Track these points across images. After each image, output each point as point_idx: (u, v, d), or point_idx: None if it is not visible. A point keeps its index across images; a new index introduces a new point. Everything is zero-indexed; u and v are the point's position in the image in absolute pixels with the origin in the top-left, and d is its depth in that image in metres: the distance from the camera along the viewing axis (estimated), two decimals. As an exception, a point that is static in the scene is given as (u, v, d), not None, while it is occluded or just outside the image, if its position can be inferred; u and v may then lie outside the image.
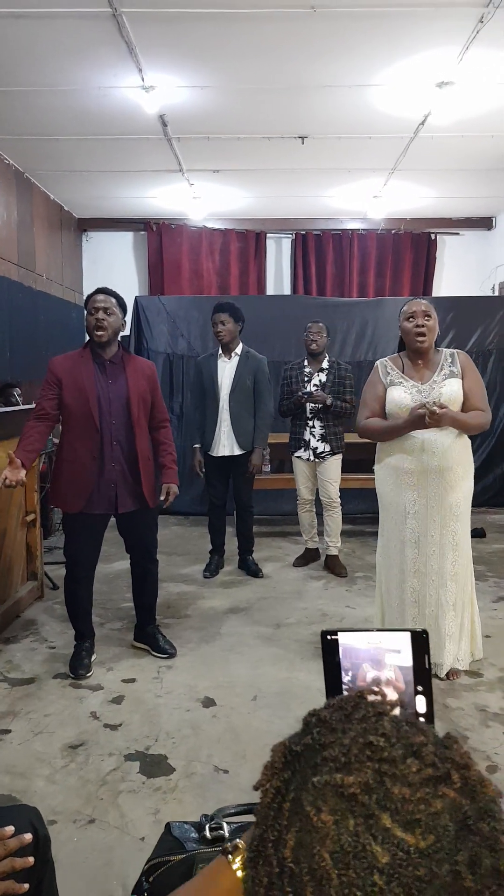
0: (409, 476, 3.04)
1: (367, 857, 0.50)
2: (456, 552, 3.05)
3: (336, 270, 8.11)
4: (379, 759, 0.53)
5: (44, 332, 6.61)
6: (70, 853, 2.01)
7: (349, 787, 0.52)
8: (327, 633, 0.83)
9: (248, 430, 4.59)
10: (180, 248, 7.99)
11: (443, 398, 2.96)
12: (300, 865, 0.51)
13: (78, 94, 4.66)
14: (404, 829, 0.50)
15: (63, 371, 3.13)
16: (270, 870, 0.53)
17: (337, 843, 0.50)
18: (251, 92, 4.66)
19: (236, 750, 2.56)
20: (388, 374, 3.14)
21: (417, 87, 4.52)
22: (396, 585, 3.13)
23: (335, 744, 0.56)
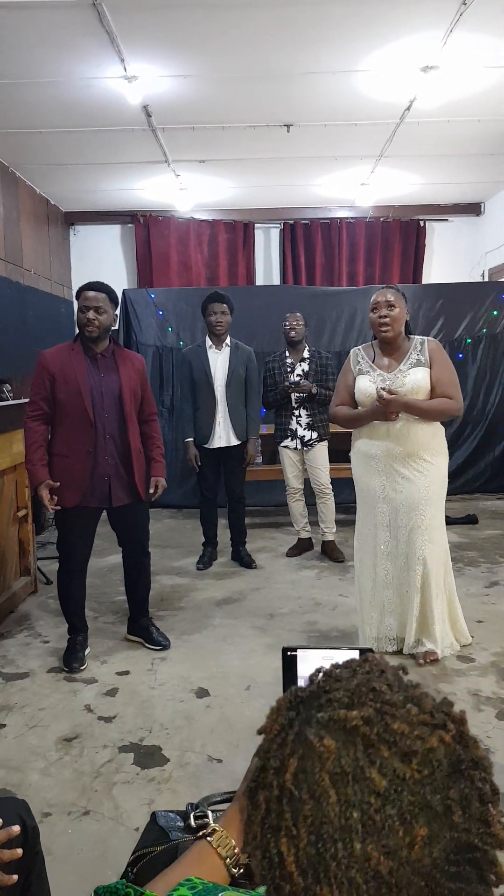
0: (377, 461, 3.13)
1: (365, 780, 0.53)
2: (425, 536, 3.10)
3: (325, 260, 8.08)
4: (381, 701, 0.57)
5: (33, 327, 6.58)
6: (65, 845, 2.02)
7: (352, 721, 0.56)
8: (287, 649, 0.91)
9: (242, 421, 4.61)
10: (168, 240, 7.95)
11: (405, 387, 3.03)
12: (300, 788, 0.54)
13: (60, 86, 4.62)
14: (401, 760, 0.53)
15: (55, 365, 3.12)
16: (270, 794, 0.56)
17: (337, 765, 0.54)
18: (235, 80, 4.62)
19: (230, 739, 2.57)
20: (359, 362, 3.22)
21: (402, 72, 4.49)
22: (370, 568, 3.23)
23: (340, 688, 0.60)
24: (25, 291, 6.51)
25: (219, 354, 4.58)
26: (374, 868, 0.51)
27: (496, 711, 2.72)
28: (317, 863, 0.52)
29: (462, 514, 5.82)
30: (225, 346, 4.59)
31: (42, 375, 3.12)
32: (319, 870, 0.52)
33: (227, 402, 4.55)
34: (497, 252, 7.58)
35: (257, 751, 0.61)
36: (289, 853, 0.54)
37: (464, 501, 6.43)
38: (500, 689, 2.91)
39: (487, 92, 4.84)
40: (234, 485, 4.73)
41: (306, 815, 0.53)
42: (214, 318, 4.51)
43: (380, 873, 0.51)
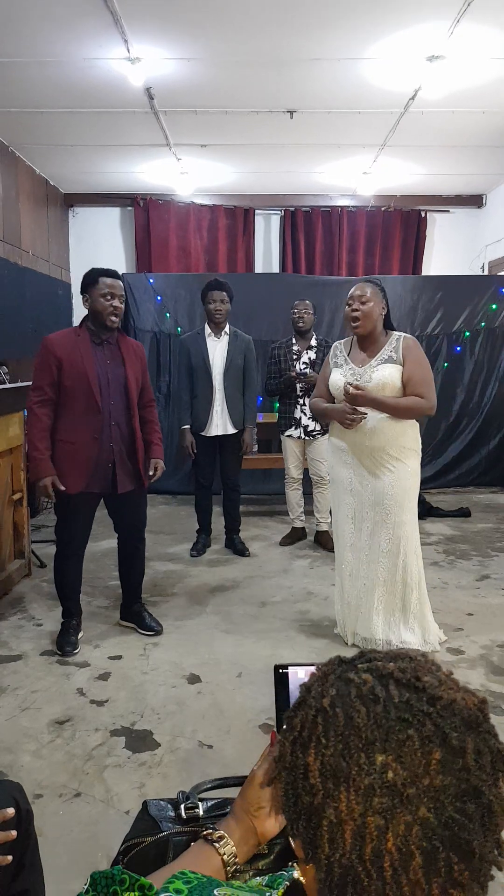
0: (345, 454, 3.16)
1: (393, 706, 0.60)
2: (390, 531, 3.08)
3: (325, 248, 8.05)
4: (412, 661, 0.66)
5: (30, 309, 6.55)
6: (56, 826, 2.05)
7: (389, 668, 0.64)
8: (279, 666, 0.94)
9: (239, 410, 4.61)
10: (168, 225, 7.90)
11: (371, 382, 3.02)
12: (334, 707, 0.62)
13: (62, 66, 4.57)
14: (428, 702, 0.61)
15: (62, 350, 3.11)
16: (306, 714, 0.64)
17: (370, 692, 0.62)
18: (239, 65, 4.58)
19: (220, 725, 2.60)
20: (337, 356, 3.24)
21: (407, 61, 4.46)
22: (339, 558, 3.29)
23: (381, 657, 0.68)
24: (23, 273, 6.47)
25: (217, 342, 4.58)
26: (391, 780, 0.57)
27: (484, 703, 2.75)
28: (339, 770, 0.59)
29: (455, 507, 5.85)
30: (224, 334, 4.58)
31: (48, 360, 3.10)
32: (340, 776, 0.58)
33: (224, 390, 4.55)
34: (498, 245, 7.57)
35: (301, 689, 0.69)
36: (314, 763, 0.60)
37: (457, 494, 6.46)
38: (489, 682, 2.94)
39: (493, 84, 4.81)
40: (229, 473, 4.74)
41: (337, 726, 0.60)
42: (214, 307, 4.50)
43: (395, 784, 0.57)
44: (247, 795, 0.92)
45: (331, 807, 0.58)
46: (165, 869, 0.85)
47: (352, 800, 0.57)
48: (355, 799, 0.57)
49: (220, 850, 0.87)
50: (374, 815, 0.56)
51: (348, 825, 0.57)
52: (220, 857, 0.86)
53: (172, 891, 0.71)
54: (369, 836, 0.56)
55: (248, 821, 0.90)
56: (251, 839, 0.90)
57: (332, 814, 0.58)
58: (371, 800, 0.57)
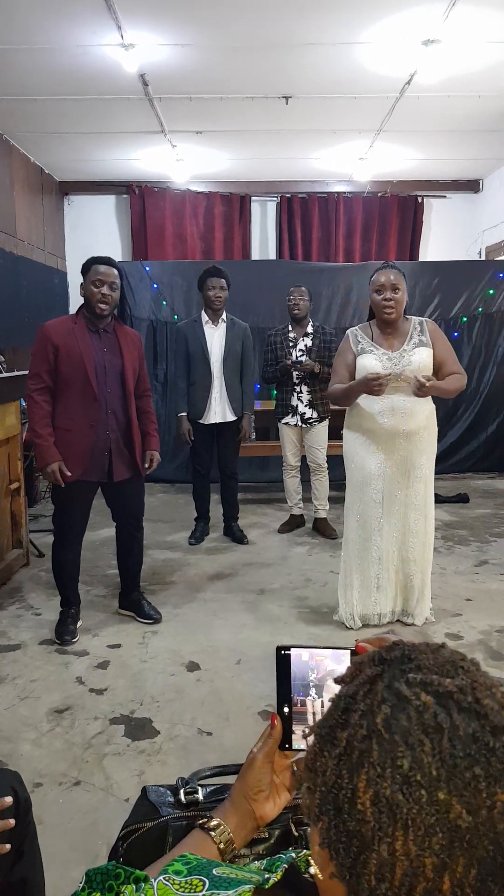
0: (378, 438, 3.17)
1: (458, 738, 0.55)
2: (418, 512, 3.21)
3: (322, 234, 8.01)
4: (471, 679, 0.60)
5: (26, 298, 6.52)
6: (55, 814, 2.06)
7: (447, 686, 0.58)
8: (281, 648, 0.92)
9: (238, 397, 4.61)
10: (163, 212, 7.86)
11: (411, 366, 3.07)
12: (391, 732, 0.56)
13: (55, 53, 4.53)
14: (492, 732, 0.56)
15: (59, 337, 3.10)
16: (354, 733, 0.58)
17: (433, 720, 0.56)
18: (233, 50, 4.54)
19: (220, 712, 2.61)
20: (359, 342, 3.22)
21: (403, 46, 4.42)
22: (362, 546, 3.26)
23: (427, 659, 0.62)
24: (19, 262, 6.44)
25: (215, 330, 4.56)
26: (453, 820, 0.53)
27: (482, 688, 2.77)
28: (397, 805, 0.54)
29: (453, 493, 5.86)
30: (221, 322, 4.57)
31: (45, 347, 3.09)
32: (398, 813, 0.54)
33: (224, 377, 4.54)
34: (494, 230, 7.53)
35: (337, 696, 0.63)
36: (366, 791, 0.55)
37: (455, 480, 6.47)
38: (488, 667, 2.93)
39: (489, 68, 4.77)
40: (227, 460, 4.74)
41: (397, 757, 0.55)
42: (213, 294, 4.48)
43: (457, 826, 0.53)
44: (246, 779, 0.91)
45: (384, 843, 0.54)
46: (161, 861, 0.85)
47: (409, 840, 0.53)
48: (413, 839, 0.53)
49: (216, 838, 0.86)
50: (432, 855, 0.53)
51: (401, 864, 0.53)
52: (216, 845, 0.86)
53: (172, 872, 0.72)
54: (424, 877, 0.53)
55: (247, 805, 0.89)
56: (249, 823, 0.89)
57: (384, 850, 0.54)
58: (430, 839, 0.53)
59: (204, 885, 0.69)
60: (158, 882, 0.70)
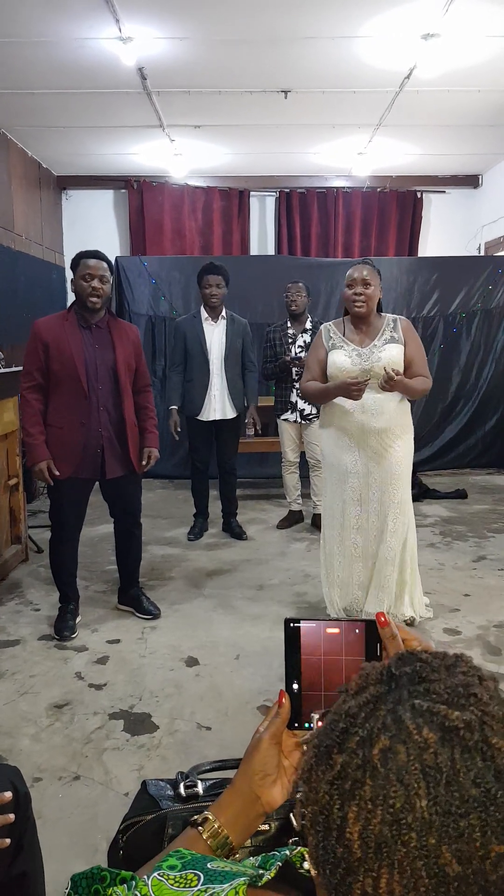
0: (350, 436, 3.15)
1: (457, 784, 0.52)
2: (395, 510, 3.16)
3: (321, 230, 7.99)
4: (482, 710, 0.56)
5: (24, 293, 6.50)
6: (55, 809, 2.06)
7: (453, 721, 0.54)
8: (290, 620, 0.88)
9: (239, 393, 4.61)
10: (162, 207, 7.84)
11: (381, 362, 3.05)
12: (386, 767, 0.53)
13: (53, 46, 4.50)
14: (495, 776, 0.52)
15: (49, 334, 3.09)
16: (349, 760, 0.55)
17: (433, 760, 0.52)
18: (232, 44, 4.52)
19: (219, 707, 2.62)
20: (331, 338, 3.22)
21: (402, 40, 4.40)
22: (339, 542, 3.24)
23: (438, 682, 0.58)
24: (16, 257, 6.42)
25: (215, 327, 4.55)
26: (442, 867, 0.51)
27: (480, 683, 2.77)
28: (384, 843, 0.52)
29: (452, 489, 5.86)
30: (221, 319, 4.55)
31: (36, 345, 3.09)
32: (384, 850, 0.52)
33: (225, 375, 4.53)
34: (494, 225, 7.52)
35: (337, 709, 0.60)
36: (355, 822, 0.53)
37: (454, 476, 6.47)
38: (486, 662, 2.96)
39: (489, 62, 4.75)
40: (225, 456, 4.74)
41: (390, 796, 0.52)
42: (210, 291, 4.47)
43: (446, 874, 0.51)
44: (251, 762, 0.85)
45: (369, 876, 0.52)
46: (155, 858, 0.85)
47: (395, 880, 0.51)
48: (398, 880, 0.51)
49: (203, 833, 0.83)
50: None
51: None
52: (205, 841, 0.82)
53: (166, 867, 0.72)
54: None
55: (252, 791, 0.84)
56: (252, 811, 0.85)
57: (369, 884, 0.52)
58: (416, 882, 0.51)
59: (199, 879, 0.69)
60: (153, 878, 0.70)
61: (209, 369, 4.52)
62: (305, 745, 0.62)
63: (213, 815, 0.85)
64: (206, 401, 4.55)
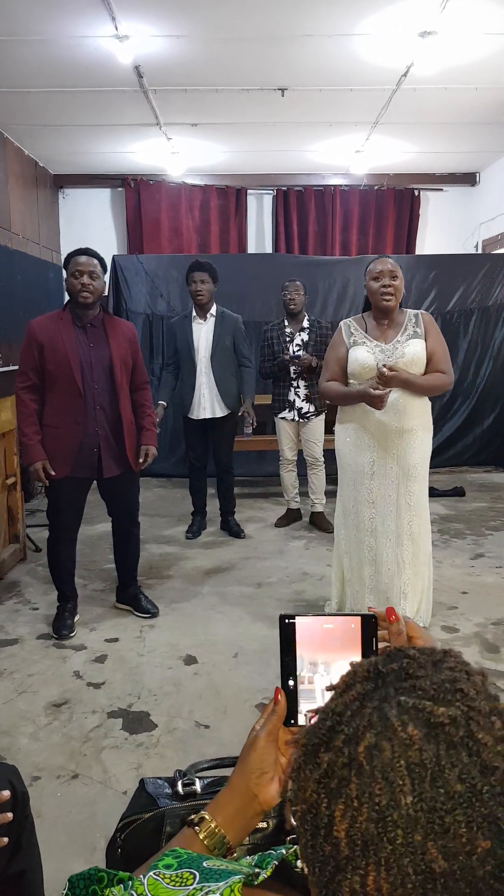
0: (370, 436, 3.08)
1: (442, 780, 0.52)
2: (412, 512, 3.09)
3: (318, 228, 7.99)
4: (468, 706, 0.56)
5: (21, 292, 6.49)
6: (54, 807, 2.06)
7: (438, 716, 0.54)
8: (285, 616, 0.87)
9: (232, 391, 4.58)
10: (159, 206, 7.83)
11: (405, 357, 3.00)
12: (372, 764, 0.53)
13: (49, 44, 4.49)
14: (481, 772, 0.52)
15: (43, 334, 3.08)
16: (335, 758, 0.55)
17: (418, 757, 0.53)
18: (229, 41, 4.51)
19: (217, 706, 2.62)
20: (352, 334, 3.15)
21: (400, 37, 4.40)
22: (354, 545, 3.17)
23: (425, 678, 0.58)
24: (13, 255, 6.41)
25: (202, 325, 4.54)
26: (428, 864, 0.51)
27: (478, 680, 2.77)
28: (371, 840, 0.52)
29: (449, 487, 5.87)
30: (210, 317, 4.54)
31: (31, 345, 3.09)
32: (371, 848, 0.52)
33: (213, 373, 4.51)
34: (491, 223, 7.52)
35: (325, 707, 0.60)
36: (342, 820, 0.53)
37: (451, 474, 6.48)
38: (483, 660, 2.96)
39: (486, 59, 4.75)
40: (221, 455, 4.73)
41: (375, 794, 0.52)
42: (195, 287, 4.47)
43: (432, 870, 0.51)
44: (247, 760, 0.85)
45: (357, 874, 0.52)
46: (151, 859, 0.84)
47: (381, 877, 0.51)
48: (385, 878, 0.51)
49: (200, 833, 0.82)
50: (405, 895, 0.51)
51: None
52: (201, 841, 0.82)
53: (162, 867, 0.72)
54: None
55: (248, 789, 0.84)
56: (250, 809, 0.84)
57: (356, 882, 0.52)
58: (403, 878, 0.51)
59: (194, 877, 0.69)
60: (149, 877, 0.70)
61: (195, 368, 4.51)
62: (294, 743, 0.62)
63: (210, 814, 0.84)
64: (196, 400, 4.55)
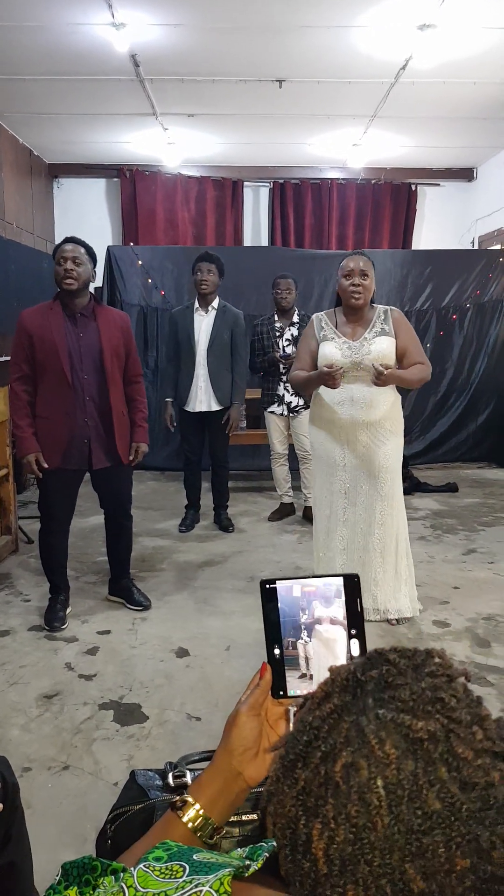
0: (340, 429, 3.13)
1: (420, 800, 0.51)
2: (384, 503, 3.14)
3: (315, 221, 7.97)
4: (448, 717, 0.54)
5: (15, 282, 6.44)
6: (44, 799, 2.06)
7: (417, 731, 0.53)
8: (266, 581, 0.84)
9: (226, 386, 4.56)
10: (154, 196, 7.79)
11: (371, 355, 3.03)
12: (348, 784, 0.52)
13: (45, 31, 4.46)
14: (460, 788, 0.51)
15: (33, 325, 3.06)
16: (312, 776, 0.54)
17: (395, 777, 0.51)
18: (227, 31, 4.49)
19: (209, 698, 2.61)
20: (323, 328, 3.19)
21: (398, 30, 4.39)
22: (326, 534, 3.25)
23: (404, 687, 0.57)
24: (7, 245, 6.36)
25: (204, 317, 4.53)
26: (406, 883, 0.50)
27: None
28: (349, 860, 0.51)
29: (443, 483, 5.88)
30: (211, 309, 4.53)
31: (21, 335, 3.07)
32: (349, 867, 0.51)
33: (208, 366, 4.50)
34: (488, 219, 7.52)
35: (303, 719, 0.59)
36: (319, 839, 0.52)
37: (445, 470, 6.49)
38: (474, 654, 2.97)
39: (485, 53, 4.74)
40: (216, 449, 4.72)
41: (352, 815, 0.51)
42: (199, 277, 4.45)
43: (411, 890, 0.50)
44: (230, 736, 0.85)
45: (335, 892, 0.52)
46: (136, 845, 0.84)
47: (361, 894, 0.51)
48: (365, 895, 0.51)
49: (183, 816, 0.81)
50: None
51: None
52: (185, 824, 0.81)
53: (152, 859, 0.71)
54: None
55: (232, 767, 0.83)
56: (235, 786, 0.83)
57: None
58: None
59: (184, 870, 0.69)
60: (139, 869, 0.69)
61: (195, 360, 4.50)
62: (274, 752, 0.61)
63: (193, 796, 0.83)
64: (193, 392, 4.54)
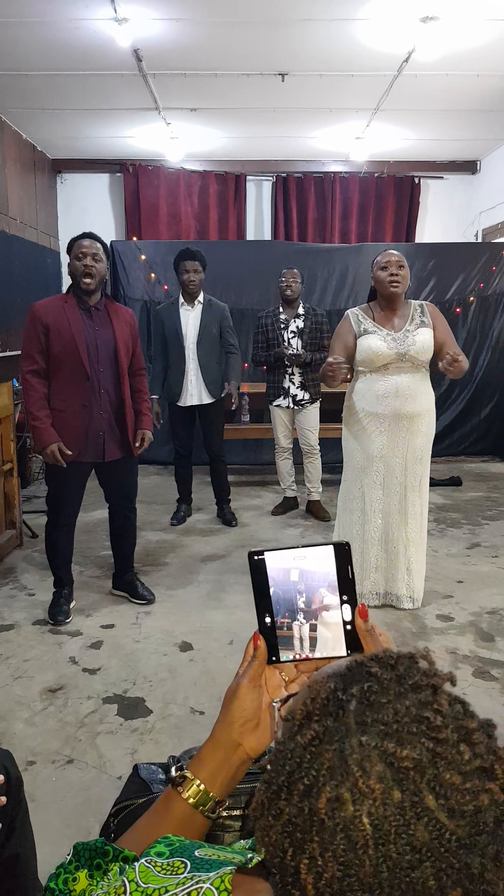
0: (381, 421, 3.20)
1: (407, 833, 0.50)
2: (416, 493, 3.26)
3: (317, 215, 7.95)
4: (433, 739, 0.53)
5: (19, 277, 6.45)
6: (48, 792, 2.07)
7: (402, 760, 0.51)
8: (254, 553, 0.82)
9: (216, 379, 4.57)
10: (157, 191, 7.77)
11: (416, 346, 3.14)
12: (334, 819, 0.51)
13: (47, 26, 4.44)
14: (448, 816, 0.50)
15: (49, 316, 3.07)
16: (295, 811, 0.53)
17: (381, 812, 0.50)
18: (229, 25, 4.47)
19: (212, 692, 2.63)
20: (361, 322, 3.24)
21: (401, 22, 4.36)
22: (358, 527, 3.30)
23: (388, 707, 0.55)
24: (11, 241, 6.37)
25: (190, 312, 4.53)
26: None
27: (473, 669, 2.79)
28: (337, 895, 0.50)
29: (446, 476, 5.87)
30: (197, 304, 4.54)
31: (36, 328, 3.07)
32: None
33: (198, 360, 4.51)
34: (492, 212, 7.48)
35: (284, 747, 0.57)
36: (307, 873, 0.51)
37: (448, 463, 6.48)
38: (478, 648, 2.98)
39: (488, 46, 4.71)
40: (211, 443, 4.71)
41: (338, 853, 0.50)
42: (187, 277, 4.46)
43: None
44: (230, 709, 0.84)
45: None
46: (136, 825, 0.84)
47: None
48: None
49: (183, 792, 0.81)
50: None
51: None
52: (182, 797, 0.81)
53: (154, 854, 0.72)
54: None
55: (232, 739, 0.82)
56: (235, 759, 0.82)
57: None
58: None
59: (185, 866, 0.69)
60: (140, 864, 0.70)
61: (185, 354, 4.50)
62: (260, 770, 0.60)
63: (192, 772, 0.83)
64: (183, 386, 4.54)
